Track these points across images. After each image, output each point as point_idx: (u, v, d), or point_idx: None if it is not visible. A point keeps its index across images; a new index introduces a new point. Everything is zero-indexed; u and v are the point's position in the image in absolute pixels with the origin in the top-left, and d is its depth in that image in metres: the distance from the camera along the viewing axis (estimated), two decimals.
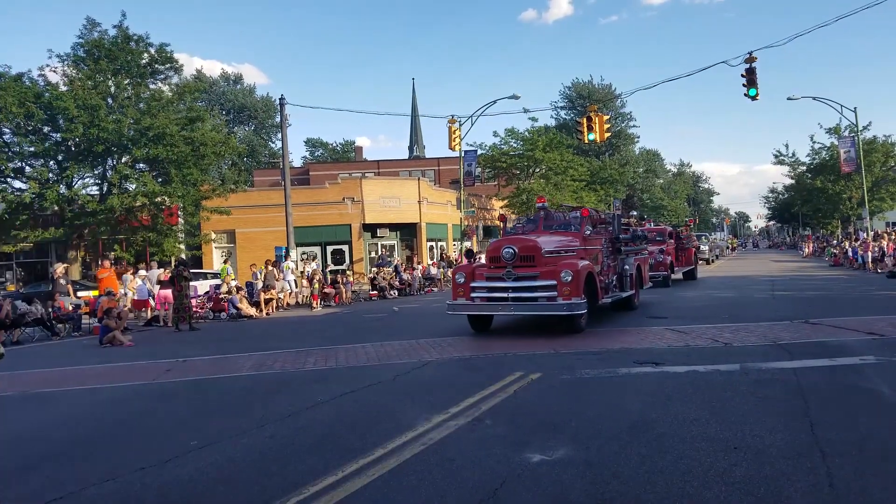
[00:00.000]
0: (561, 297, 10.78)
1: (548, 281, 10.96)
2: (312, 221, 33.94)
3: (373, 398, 7.37)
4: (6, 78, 24.89)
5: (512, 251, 11.24)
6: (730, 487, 4.12)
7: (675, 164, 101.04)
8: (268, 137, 69.97)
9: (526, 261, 11.27)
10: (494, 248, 11.71)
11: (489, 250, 12.03)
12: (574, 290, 10.79)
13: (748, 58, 20.94)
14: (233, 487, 4.60)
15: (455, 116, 29.87)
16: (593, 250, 12.80)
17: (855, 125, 39.48)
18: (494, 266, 11.57)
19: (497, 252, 11.47)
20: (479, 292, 11.60)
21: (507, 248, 11.31)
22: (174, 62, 28.83)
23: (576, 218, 13.15)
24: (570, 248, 12.13)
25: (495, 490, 4.27)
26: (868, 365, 7.80)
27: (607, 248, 13.59)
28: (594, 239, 12.93)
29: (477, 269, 11.96)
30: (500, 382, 7.52)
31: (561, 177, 43.22)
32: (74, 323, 17.18)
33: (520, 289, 11.19)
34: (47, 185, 24.92)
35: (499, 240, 12.36)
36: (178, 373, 9.77)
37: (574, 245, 12.26)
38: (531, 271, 11.18)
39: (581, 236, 12.51)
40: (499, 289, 11.37)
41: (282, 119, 27.99)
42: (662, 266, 21.74)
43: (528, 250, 11.37)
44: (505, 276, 11.25)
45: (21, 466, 5.38)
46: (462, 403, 6.57)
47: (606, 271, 13.29)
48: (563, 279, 10.78)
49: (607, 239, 13.68)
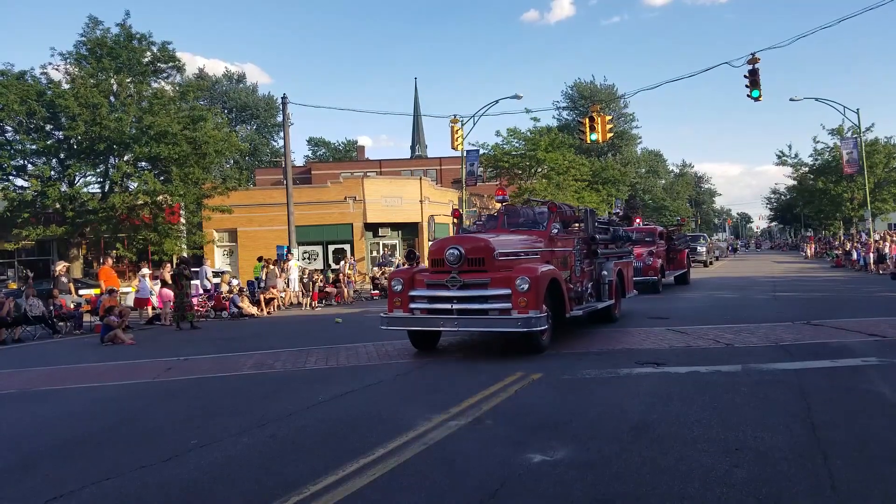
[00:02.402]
0: (516, 309, 8.93)
1: (500, 290, 9.08)
2: (314, 220, 33.95)
3: (373, 398, 7.36)
4: (9, 76, 24.94)
5: (457, 252, 9.25)
6: (731, 489, 4.11)
7: (677, 165, 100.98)
8: (270, 136, 70.13)
9: (475, 264, 9.33)
10: (437, 248, 9.72)
11: (431, 251, 10.06)
12: (532, 300, 8.90)
13: (751, 59, 20.91)
14: (233, 486, 4.59)
15: (457, 116, 29.76)
16: (562, 252, 10.92)
17: (858, 126, 39.41)
18: (437, 271, 9.64)
19: (440, 254, 9.51)
20: (418, 302, 9.68)
21: (451, 248, 9.34)
22: (176, 61, 28.89)
23: (542, 214, 11.22)
24: (532, 249, 10.26)
25: (496, 490, 4.26)
26: (870, 366, 7.78)
27: (580, 251, 11.60)
28: (564, 239, 11.09)
29: (418, 275, 9.98)
30: (500, 382, 7.51)
31: (563, 177, 43.17)
32: (76, 321, 17.18)
33: (466, 299, 9.26)
34: (49, 183, 24.97)
35: (442, 239, 10.43)
36: (179, 371, 9.77)
37: (538, 246, 10.40)
38: (481, 277, 9.27)
39: (547, 236, 10.66)
40: (441, 298, 9.45)
41: (284, 118, 28.01)
42: (652, 270, 19.86)
43: (477, 251, 9.41)
44: (448, 284, 9.33)
45: (21, 464, 5.38)
46: (463, 403, 6.56)
47: (579, 277, 11.37)
48: (519, 287, 8.91)
49: (580, 239, 11.71)
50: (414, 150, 77.32)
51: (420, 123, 78.51)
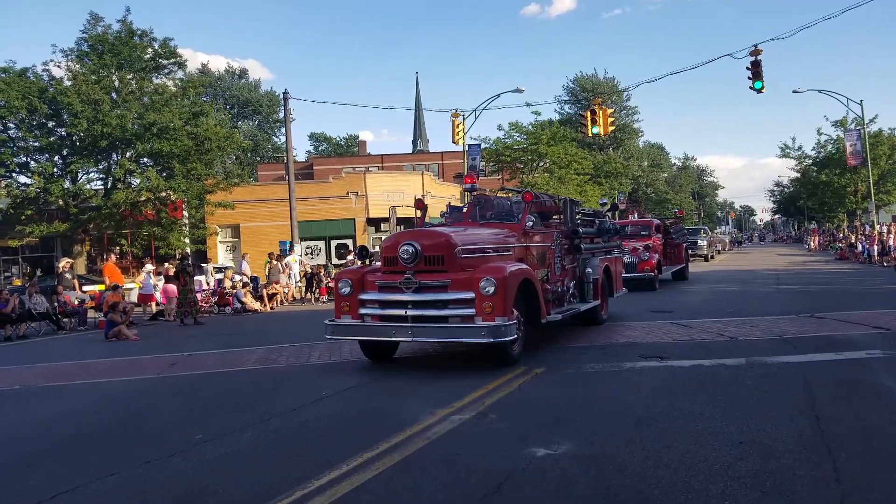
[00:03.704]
0: (481, 315, 7.68)
1: (462, 293, 7.83)
2: (317, 216, 33.97)
3: (377, 392, 7.37)
4: (11, 73, 24.96)
5: (412, 249, 7.97)
6: (735, 482, 4.11)
7: (679, 158, 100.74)
8: (272, 132, 70.11)
9: (433, 263, 8.05)
10: (390, 244, 8.45)
11: (383, 247, 8.78)
12: (499, 305, 7.65)
13: (753, 50, 20.86)
14: (237, 481, 4.60)
15: (458, 110, 29.76)
16: (539, 248, 9.76)
17: (861, 118, 39.25)
18: (390, 271, 8.35)
19: (392, 250, 8.21)
20: (369, 308, 8.41)
21: (405, 244, 8.06)
22: (178, 57, 28.87)
23: (519, 204, 9.98)
24: (502, 245, 9.06)
25: (500, 484, 4.26)
26: (874, 359, 7.76)
27: (560, 246, 10.41)
28: (541, 233, 9.90)
29: (369, 276, 8.61)
30: (504, 377, 7.51)
31: (565, 171, 43.14)
32: (80, 317, 17.23)
33: (423, 304, 8.01)
34: (52, 180, 25.01)
35: (397, 233, 9.17)
36: (183, 367, 9.79)
37: (509, 241, 9.19)
38: (439, 278, 7.99)
39: (521, 229, 9.41)
40: (394, 303, 8.20)
41: (285, 113, 28.01)
42: (647, 265, 18.49)
43: (435, 248, 8.11)
44: (402, 286, 8.04)
45: (26, 460, 5.39)
46: (466, 398, 6.56)
47: (559, 276, 10.23)
48: (484, 290, 7.66)
49: (561, 233, 10.58)
50: (415, 145, 77.34)
51: (421, 118, 78.60)
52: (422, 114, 78.06)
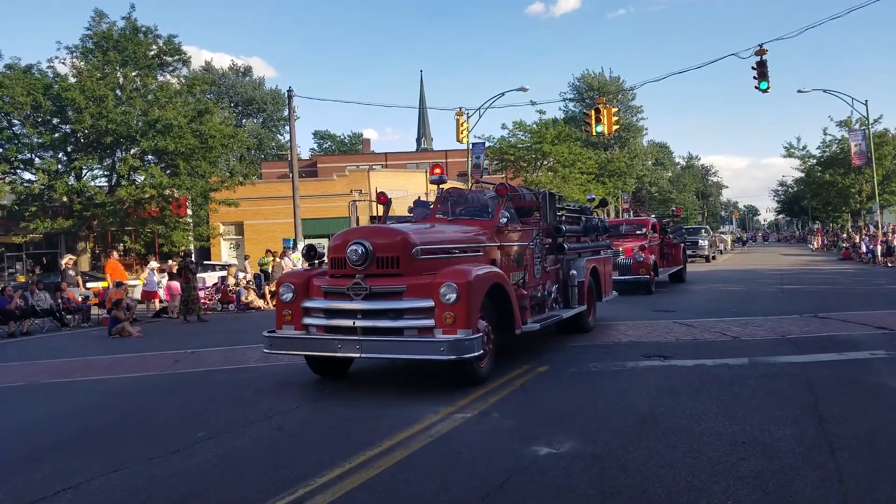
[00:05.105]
0: (441, 327, 6.62)
1: (419, 301, 6.78)
2: (320, 213, 33.99)
3: (380, 390, 7.39)
4: (16, 70, 25.02)
5: (362, 250, 6.92)
6: (738, 482, 4.11)
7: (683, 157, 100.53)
8: (276, 130, 70.12)
9: (387, 266, 6.99)
10: (338, 243, 7.30)
11: (330, 247, 7.55)
12: (461, 315, 6.58)
13: (758, 50, 20.80)
14: (240, 478, 4.61)
15: (463, 108, 29.63)
16: (515, 248, 8.70)
17: (866, 118, 39.15)
18: (338, 274, 7.30)
19: (340, 251, 7.15)
20: (314, 317, 7.34)
21: (354, 243, 6.98)
22: (182, 54, 28.91)
23: (494, 199, 8.85)
24: (472, 244, 7.96)
25: (502, 483, 4.27)
26: (878, 359, 7.76)
27: (541, 245, 9.40)
28: (518, 231, 8.85)
29: (315, 280, 7.51)
30: (506, 375, 7.51)
31: (569, 169, 43.10)
32: (83, 314, 17.27)
33: (374, 313, 6.95)
34: (56, 177, 25.05)
35: (346, 230, 7.91)
36: (186, 364, 9.81)
37: (480, 240, 8.09)
38: (394, 284, 6.92)
39: (493, 226, 8.30)
40: (341, 312, 7.13)
41: (290, 111, 27.99)
42: (643, 267, 17.11)
43: (389, 248, 7.03)
44: (351, 292, 6.97)
45: (30, 457, 5.41)
46: (469, 396, 6.57)
47: (539, 279, 9.22)
48: (444, 298, 6.60)
49: (542, 231, 9.46)
50: (419, 143, 77.23)
51: (426, 116, 78.46)
52: (426, 112, 77.96)
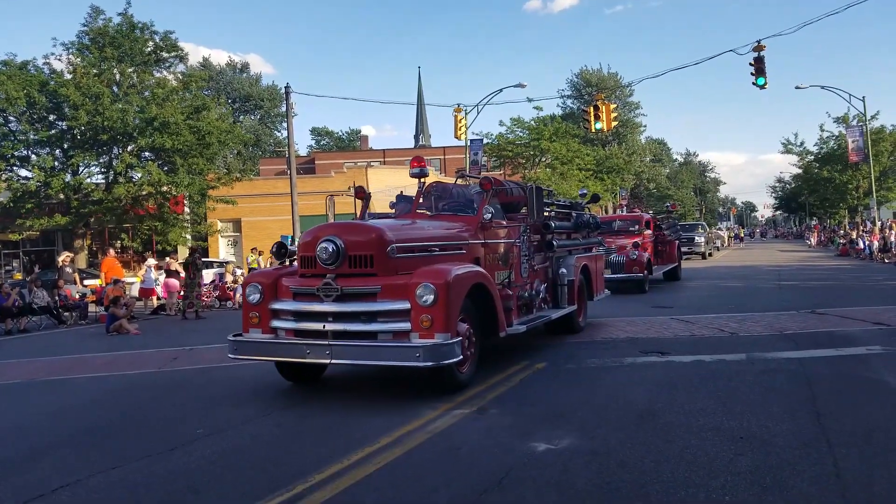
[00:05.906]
0: (417, 331, 6.22)
1: (395, 302, 6.38)
2: (318, 210, 33.80)
3: (378, 387, 7.39)
4: (11, 66, 24.92)
5: (333, 247, 6.47)
6: (735, 477, 4.12)
7: (681, 154, 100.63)
8: (273, 126, 70.02)
9: (360, 265, 6.54)
10: (308, 241, 6.85)
11: (300, 245, 7.16)
12: (439, 318, 6.18)
13: (756, 46, 20.77)
14: (239, 475, 4.61)
15: (461, 105, 29.64)
16: (500, 245, 8.27)
17: (863, 114, 39.17)
18: (307, 274, 6.85)
19: (310, 249, 6.69)
20: (282, 319, 6.95)
21: (325, 241, 6.53)
22: (179, 50, 28.83)
23: (479, 194, 8.42)
24: (453, 241, 7.56)
25: (500, 479, 4.27)
26: (875, 355, 7.78)
27: (528, 243, 8.95)
28: (503, 228, 8.42)
29: (284, 280, 7.07)
30: (504, 372, 7.52)
31: (567, 166, 43.12)
32: (81, 311, 17.25)
33: (345, 316, 6.55)
34: (53, 174, 24.96)
35: (317, 226, 7.21)
36: (184, 361, 9.80)
37: (462, 237, 7.68)
38: (367, 284, 6.50)
39: (477, 223, 7.87)
40: (311, 315, 6.71)
41: (287, 108, 27.91)
42: (637, 265, 16.60)
43: (363, 246, 6.59)
44: (321, 293, 6.54)
45: (28, 454, 5.41)
46: (467, 392, 6.57)
47: (526, 278, 8.81)
48: (421, 299, 6.20)
49: (530, 228, 9.05)
50: (418, 140, 77.13)
51: (424, 113, 78.32)
52: (424, 108, 77.79)
